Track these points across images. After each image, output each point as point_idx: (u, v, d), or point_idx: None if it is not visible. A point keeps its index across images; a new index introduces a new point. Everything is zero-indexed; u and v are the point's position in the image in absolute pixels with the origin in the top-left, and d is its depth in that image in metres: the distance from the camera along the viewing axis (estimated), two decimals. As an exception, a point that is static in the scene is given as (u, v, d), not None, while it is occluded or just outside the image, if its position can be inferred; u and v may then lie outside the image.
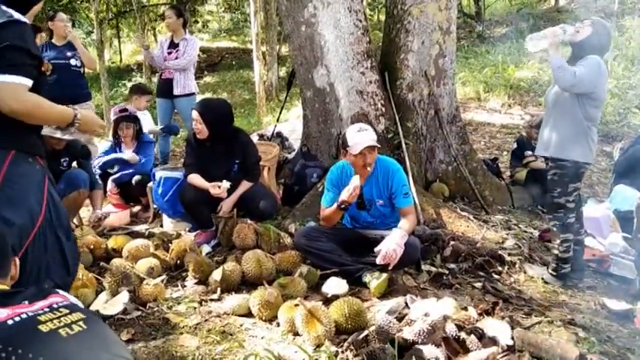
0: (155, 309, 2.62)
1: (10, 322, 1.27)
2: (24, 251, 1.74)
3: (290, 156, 5.15)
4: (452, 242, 3.30)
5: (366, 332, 2.23)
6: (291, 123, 7.29)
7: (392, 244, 2.78)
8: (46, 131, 3.46)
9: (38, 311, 1.34)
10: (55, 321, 1.32)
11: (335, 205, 3.00)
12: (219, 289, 2.84)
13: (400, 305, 2.52)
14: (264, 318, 2.54)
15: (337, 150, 4.28)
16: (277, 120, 6.09)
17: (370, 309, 2.61)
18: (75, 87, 4.92)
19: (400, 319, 2.38)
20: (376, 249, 2.82)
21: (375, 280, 2.79)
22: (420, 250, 3.02)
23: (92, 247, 3.35)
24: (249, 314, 2.60)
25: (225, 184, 3.49)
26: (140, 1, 16.21)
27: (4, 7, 1.70)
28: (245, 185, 3.69)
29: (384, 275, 2.81)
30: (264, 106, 10.91)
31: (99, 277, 2.91)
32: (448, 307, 2.43)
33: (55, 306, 1.39)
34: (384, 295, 2.77)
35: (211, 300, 2.78)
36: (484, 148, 6.61)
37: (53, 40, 5.00)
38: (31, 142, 1.87)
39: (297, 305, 2.40)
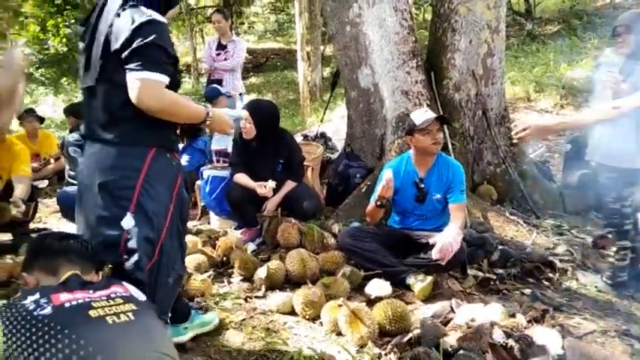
0: (202, 304, 2.69)
1: (67, 305, 1.38)
2: (161, 244, 1.84)
3: (334, 156, 5.16)
4: (500, 247, 3.21)
5: (410, 335, 2.21)
6: (335, 123, 7.30)
7: (448, 237, 2.70)
8: None
9: (95, 298, 1.42)
10: (106, 309, 1.41)
11: (373, 202, 2.99)
12: (263, 286, 2.88)
13: (445, 309, 2.48)
14: (307, 317, 2.56)
15: (381, 150, 4.26)
16: (321, 120, 6.11)
17: (414, 312, 2.58)
18: None
19: (445, 323, 2.34)
20: (431, 240, 2.77)
21: (419, 283, 2.75)
22: (466, 254, 2.96)
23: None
24: (292, 312, 2.63)
25: (271, 184, 3.54)
26: (189, 4, 16.66)
27: (143, 8, 1.77)
28: (289, 185, 3.72)
29: (429, 278, 2.77)
30: (308, 107, 10.98)
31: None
32: (495, 313, 2.37)
33: (112, 295, 1.46)
34: (429, 299, 2.74)
35: (256, 297, 2.83)
36: (535, 150, 6.40)
37: None
38: (170, 139, 1.94)
39: (340, 305, 2.40)
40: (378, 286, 2.74)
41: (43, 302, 1.36)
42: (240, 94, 5.62)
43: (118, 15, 1.77)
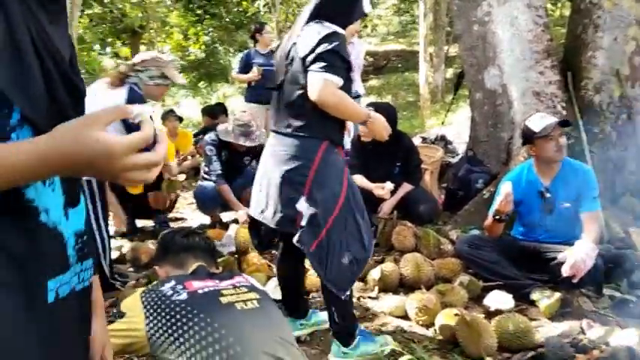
0: (318, 298, 2.77)
1: (200, 291, 1.52)
2: (328, 227, 2.07)
3: (454, 160, 5.00)
4: (643, 266, 2.86)
5: (533, 353, 2.07)
6: (456, 126, 7.06)
7: (581, 252, 2.48)
8: (230, 138, 3.91)
9: (223, 287, 1.55)
10: (234, 296, 1.54)
11: (491, 217, 2.83)
12: (376, 287, 2.89)
13: (575, 329, 2.29)
14: (420, 323, 2.51)
15: (508, 155, 4.03)
16: (442, 123, 5.96)
17: (538, 329, 2.41)
18: None
19: (574, 344, 2.15)
20: (560, 256, 2.57)
21: (545, 299, 2.56)
22: (602, 271, 2.69)
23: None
24: (405, 317, 2.60)
25: (389, 186, 3.53)
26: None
27: (327, 23, 2.09)
28: (406, 188, 3.69)
29: (557, 294, 2.56)
30: (429, 109, 10.74)
31: (271, 264, 3.17)
32: (633, 338, 2.12)
33: (237, 285, 1.59)
34: (555, 317, 2.53)
35: (369, 297, 2.84)
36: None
37: (258, 49, 5.70)
38: (338, 135, 2.21)
39: (456, 314, 2.32)
40: (499, 299, 2.59)
41: (179, 289, 1.51)
42: (359, 96, 5.68)
43: (304, 29, 2.11)
